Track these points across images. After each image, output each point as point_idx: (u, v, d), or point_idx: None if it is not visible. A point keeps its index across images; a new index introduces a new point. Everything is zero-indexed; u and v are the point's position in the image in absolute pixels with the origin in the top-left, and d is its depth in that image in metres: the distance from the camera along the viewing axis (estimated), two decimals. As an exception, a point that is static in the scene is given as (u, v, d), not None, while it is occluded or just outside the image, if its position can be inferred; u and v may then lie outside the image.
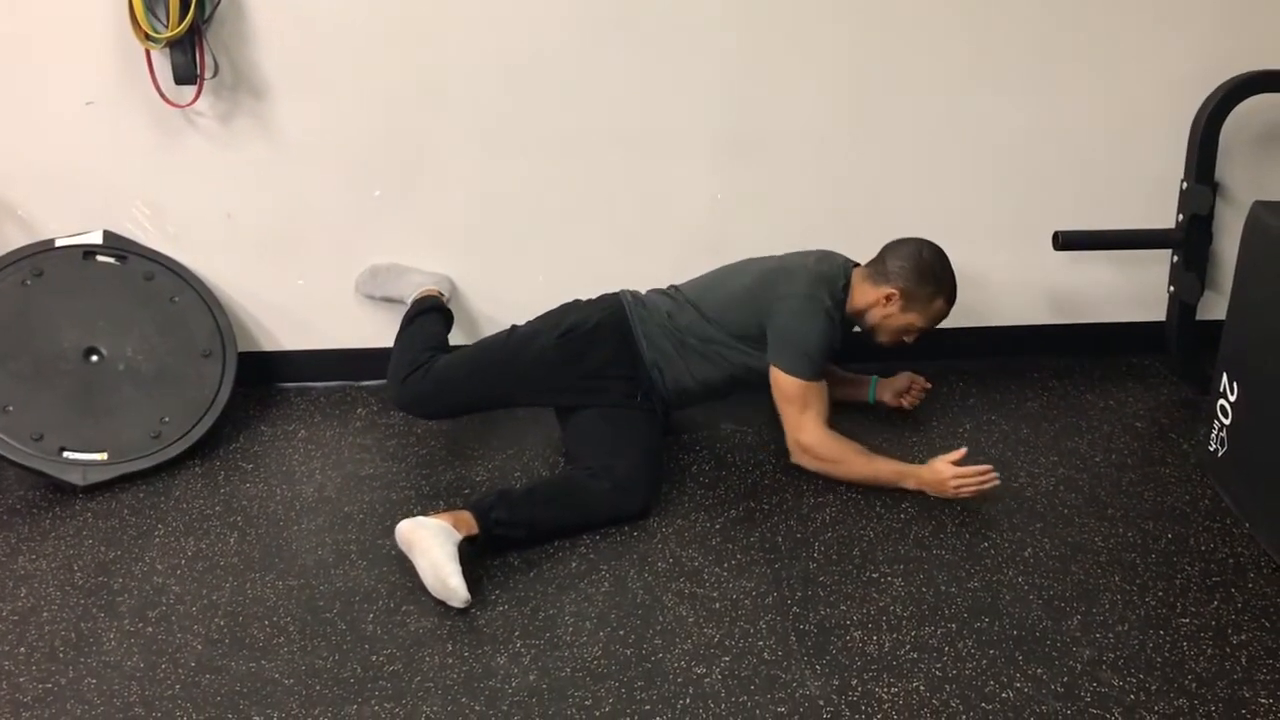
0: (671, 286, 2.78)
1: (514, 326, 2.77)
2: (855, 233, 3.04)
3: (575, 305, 2.76)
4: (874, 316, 2.67)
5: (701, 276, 2.80)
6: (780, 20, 2.87)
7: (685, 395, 2.72)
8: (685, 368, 2.67)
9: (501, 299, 3.10)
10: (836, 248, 3.01)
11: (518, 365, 2.67)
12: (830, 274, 2.64)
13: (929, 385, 2.95)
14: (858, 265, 2.72)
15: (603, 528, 2.48)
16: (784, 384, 2.59)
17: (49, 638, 2.20)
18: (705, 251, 3.03)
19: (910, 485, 2.59)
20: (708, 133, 2.97)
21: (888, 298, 2.64)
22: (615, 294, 2.77)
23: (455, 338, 2.94)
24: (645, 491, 2.54)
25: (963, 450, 2.55)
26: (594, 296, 2.78)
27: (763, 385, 2.65)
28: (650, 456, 2.60)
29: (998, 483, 2.52)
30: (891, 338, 2.72)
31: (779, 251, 2.80)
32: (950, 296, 2.70)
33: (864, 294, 2.66)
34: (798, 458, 2.65)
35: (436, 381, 2.71)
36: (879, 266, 2.68)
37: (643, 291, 2.79)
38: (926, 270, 2.64)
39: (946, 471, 2.53)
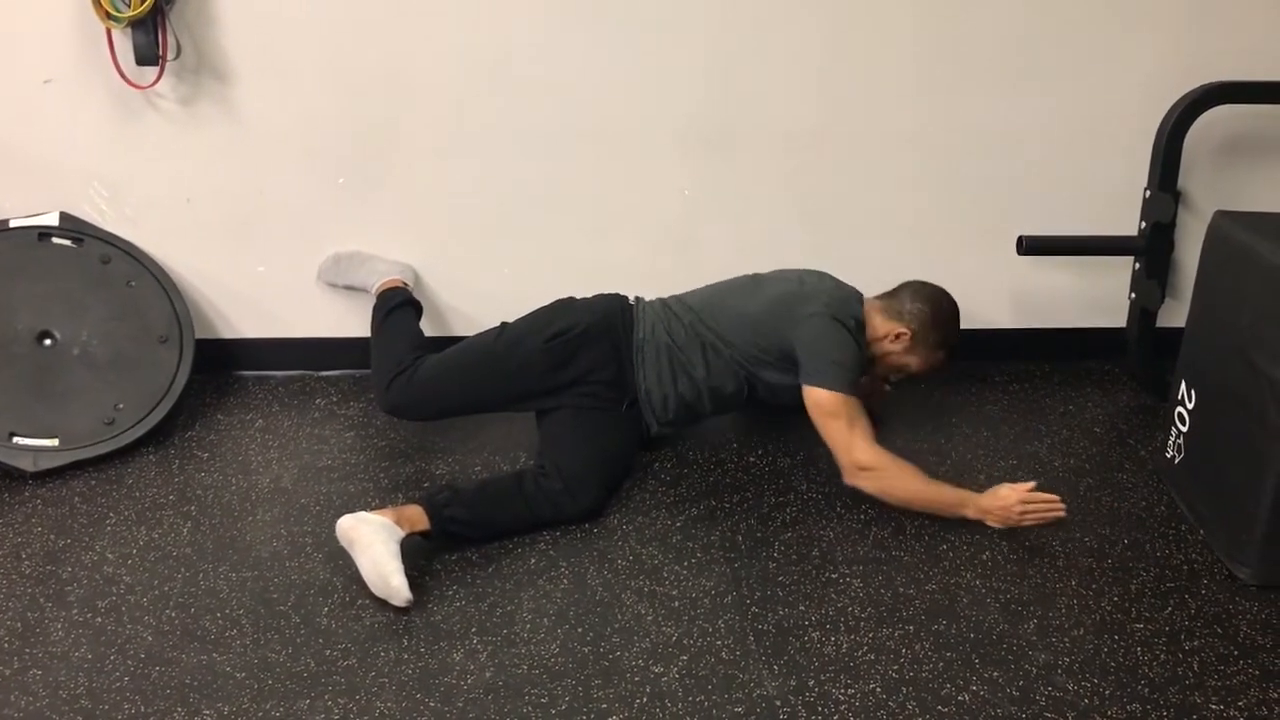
0: (676, 300, 2.69)
1: (504, 325, 2.69)
2: (822, 231, 3.06)
3: (568, 306, 2.69)
4: (877, 350, 2.65)
5: (706, 292, 2.72)
6: (751, 20, 2.86)
7: (671, 424, 2.70)
8: (674, 389, 2.62)
9: (467, 290, 3.08)
10: (803, 246, 3.03)
11: (504, 371, 2.61)
12: (848, 299, 2.61)
13: (889, 388, 2.95)
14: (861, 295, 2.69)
15: (554, 527, 2.46)
16: (824, 400, 2.49)
17: (-6, 627, 2.16)
18: (674, 246, 3.03)
19: (969, 513, 2.48)
20: (677, 129, 2.96)
21: (898, 335, 2.62)
22: (613, 297, 2.71)
23: (422, 329, 2.90)
24: (595, 493, 2.51)
25: (1032, 484, 2.46)
26: (589, 296, 2.72)
27: (768, 402, 2.66)
28: (608, 459, 2.58)
29: (1063, 514, 2.44)
30: (884, 373, 2.73)
31: (751, 250, 2.79)
32: (952, 352, 2.70)
33: (875, 325, 2.63)
34: (854, 478, 2.50)
35: (423, 387, 2.64)
36: (894, 303, 2.65)
37: (647, 298, 2.71)
38: (942, 320, 2.65)
39: (1012, 497, 2.44)
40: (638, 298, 2.72)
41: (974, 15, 2.90)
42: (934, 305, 2.65)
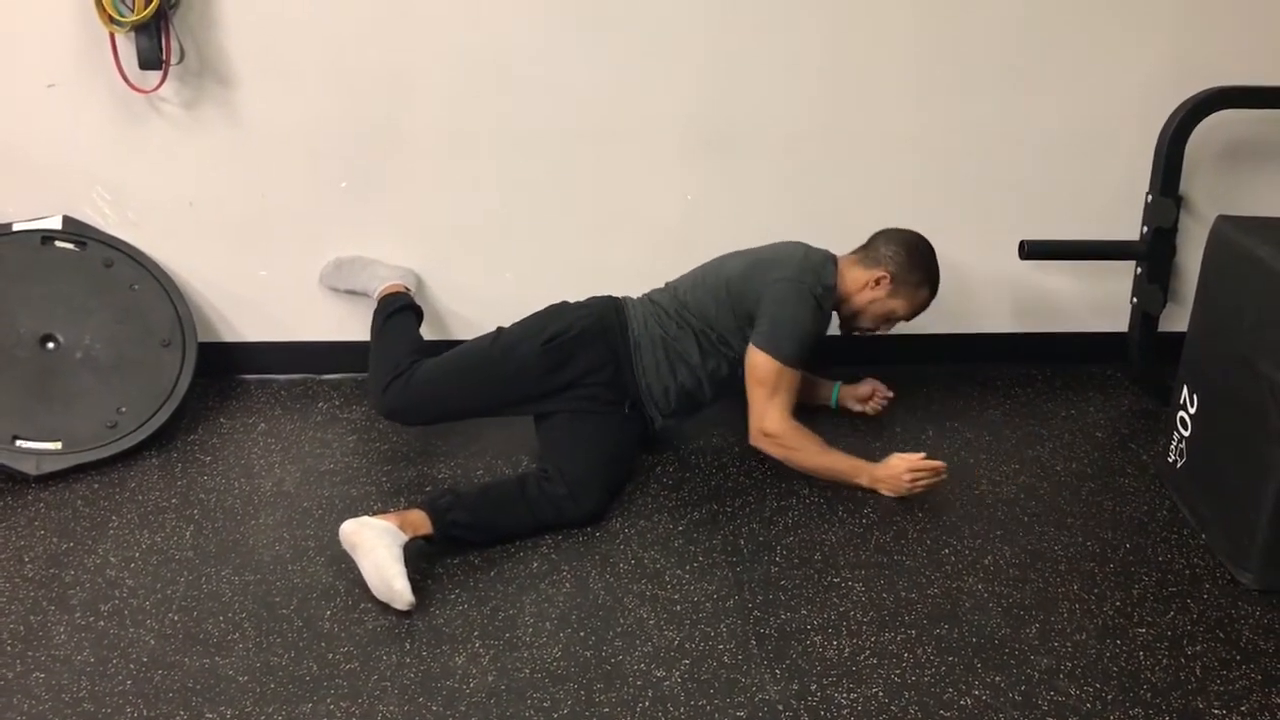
0: (665, 289, 2.75)
1: (500, 330, 2.71)
2: (822, 233, 3.05)
3: (562, 309, 2.71)
4: (860, 300, 2.69)
5: (694, 271, 2.78)
6: (751, 21, 2.86)
7: (674, 415, 2.72)
8: (674, 380, 2.65)
9: (469, 295, 3.08)
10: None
11: (501, 375, 2.62)
12: (819, 261, 2.66)
13: (890, 394, 2.96)
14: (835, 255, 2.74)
15: (556, 530, 2.46)
16: (759, 364, 2.57)
17: (-3, 630, 2.16)
18: (676, 250, 3.02)
19: (863, 481, 2.61)
20: (677, 130, 2.96)
21: (878, 280, 2.67)
22: (605, 299, 2.72)
23: (423, 333, 2.90)
24: (597, 497, 2.51)
25: (922, 455, 2.58)
26: (582, 299, 2.74)
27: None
28: (610, 462, 2.58)
29: (945, 476, 2.58)
30: (872, 323, 2.75)
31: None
32: (934, 288, 2.76)
33: (853, 278, 2.69)
34: (757, 441, 2.63)
35: (419, 391, 2.64)
36: (869, 252, 2.72)
37: (635, 296, 2.75)
38: (918, 258, 2.70)
39: (901, 466, 2.56)
40: (625, 297, 2.74)
41: (974, 17, 2.91)
42: (908, 246, 2.71)
